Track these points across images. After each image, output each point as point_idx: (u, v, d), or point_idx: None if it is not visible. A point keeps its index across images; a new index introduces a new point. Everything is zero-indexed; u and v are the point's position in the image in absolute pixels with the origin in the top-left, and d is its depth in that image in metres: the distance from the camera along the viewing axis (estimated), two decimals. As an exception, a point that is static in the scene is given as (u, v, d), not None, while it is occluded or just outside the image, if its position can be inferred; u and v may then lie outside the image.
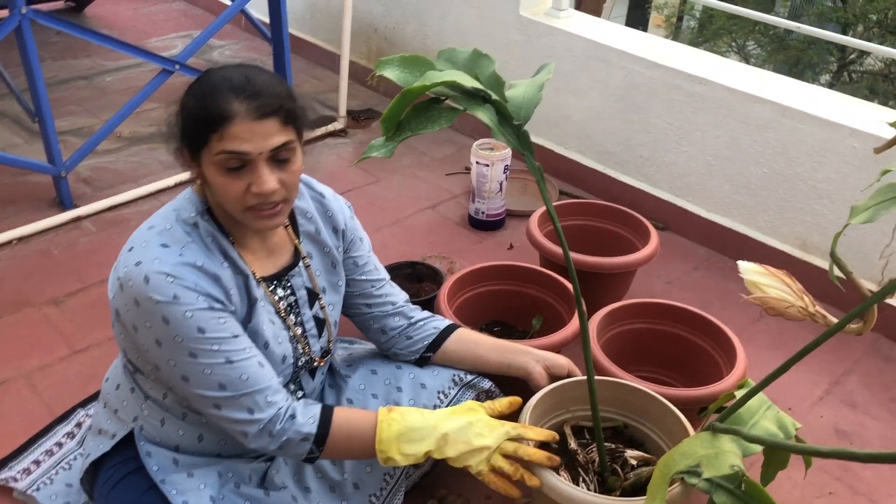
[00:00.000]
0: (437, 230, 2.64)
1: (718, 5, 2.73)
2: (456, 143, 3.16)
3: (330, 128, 3.18)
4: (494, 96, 1.25)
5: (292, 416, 1.32)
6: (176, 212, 1.32)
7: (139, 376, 1.41)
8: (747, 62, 14.63)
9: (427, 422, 1.34)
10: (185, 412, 1.39)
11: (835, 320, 1.15)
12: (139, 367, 1.38)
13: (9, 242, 2.43)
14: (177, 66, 2.64)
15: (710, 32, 14.69)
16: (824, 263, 2.34)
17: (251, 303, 1.34)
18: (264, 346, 1.36)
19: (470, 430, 1.35)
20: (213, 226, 1.33)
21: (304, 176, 1.51)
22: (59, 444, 1.76)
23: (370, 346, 1.71)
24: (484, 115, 1.23)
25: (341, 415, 1.36)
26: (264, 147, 1.23)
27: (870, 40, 13.63)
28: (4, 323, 2.12)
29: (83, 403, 1.86)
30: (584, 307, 1.42)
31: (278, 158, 1.26)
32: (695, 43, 14.99)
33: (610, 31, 2.76)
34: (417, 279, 2.21)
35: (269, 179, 1.24)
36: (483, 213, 2.61)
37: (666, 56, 2.56)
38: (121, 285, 1.27)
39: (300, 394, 1.50)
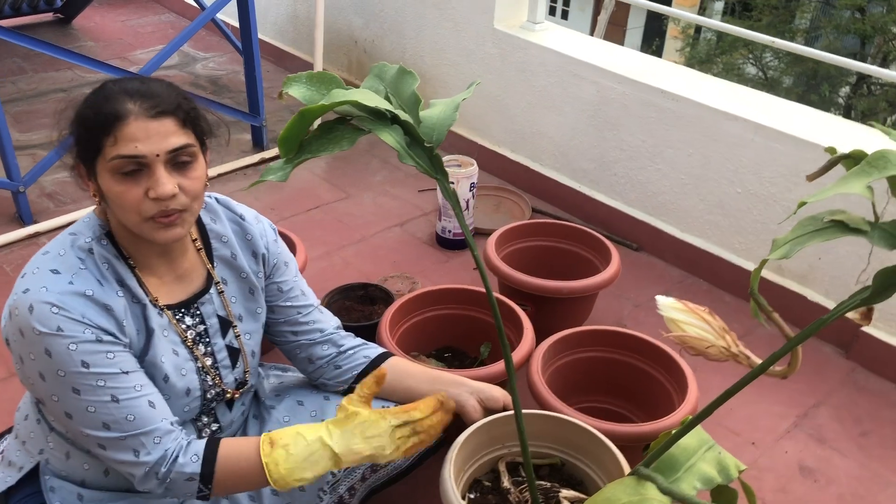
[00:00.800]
0: (403, 249, 2.57)
1: (729, 29, 2.61)
2: (432, 159, 3.09)
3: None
4: (403, 116, 1.17)
5: (175, 458, 1.23)
6: (72, 237, 1.25)
7: (43, 407, 1.34)
8: (765, 75, 14.50)
9: (312, 447, 1.22)
10: None
11: (758, 361, 1.06)
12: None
13: (-39, 259, 2.39)
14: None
15: (726, 44, 14.58)
16: (801, 288, 2.25)
17: (148, 333, 1.27)
18: (164, 380, 1.28)
19: (355, 437, 1.23)
20: (112, 251, 1.26)
21: (223, 197, 1.45)
22: (-17, 472, 1.70)
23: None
24: (389, 137, 1.16)
25: (227, 450, 1.25)
26: (161, 148, 1.16)
27: (888, 53, 13.45)
28: (-54, 342, 2.07)
29: (10, 430, 1.80)
30: (531, 335, 1.34)
31: (177, 162, 1.19)
32: (711, 55, 14.88)
33: (584, 45, 2.68)
34: (370, 301, 2.13)
35: (167, 182, 1.17)
36: (450, 231, 2.53)
37: (638, 71, 2.48)
38: (9, 313, 1.20)
39: (215, 426, 1.43)
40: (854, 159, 1.01)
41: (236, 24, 3.57)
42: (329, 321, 1.56)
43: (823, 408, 1.99)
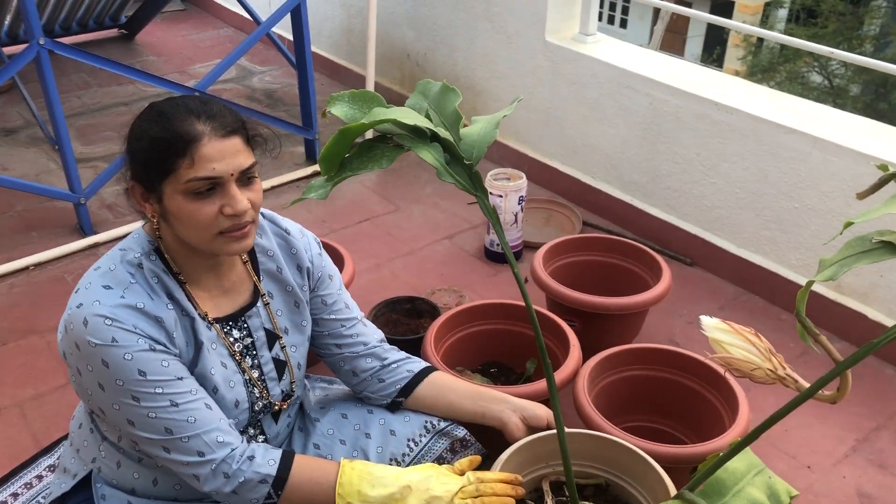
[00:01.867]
0: (452, 262, 2.56)
1: (786, 40, 2.54)
2: (483, 171, 3.09)
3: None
4: (443, 134, 1.17)
5: (251, 457, 1.27)
6: (122, 252, 1.28)
7: (96, 417, 1.38)
8: (831, 83, 14.11)
9: (389, 471, 1.30)
10: (141, 456, 1.35)
11: (806, 385, 1.03)
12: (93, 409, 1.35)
13: (25, 268, 2.48)
14: (196, 94, 2.65)
15: (790, 52, 14.23)
16: (861, 307, 2.17)
17: (197, 346, 1.29)
18: (213, 391, 1.30)
19: (430, 480, 1.29)
20: (160, 266, 1.29)
21: (267, 211, 1.47)
22: (40, 477, 1.75)
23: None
24: (428, 155, 1.16)
25: (303, 460, 1.31)
26: (235, 167, 1.20)
27: (962, 59, 12.93)
28: (8, 349, 2.14)
29: (67, 437, 1.85)
30: (578, 352, 1.32)
31: (245, 179, 1.24)
32: (774, 63, 14.55)
33: (636, 57, 2.65)
34: (417, 315, 2.13)
35: (242, 199, 1.22)
36: (498, 244, 2.52)
37: (692, 83, 2.44)
38: (65, 328, 1.24)
39: (261, 438, 1.44)
40: (908, 178, 0.97)
41: (291, 37, 3.64)
42: (373, 334, 1.57)
43: (885, 432, 1.92)
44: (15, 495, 1.70)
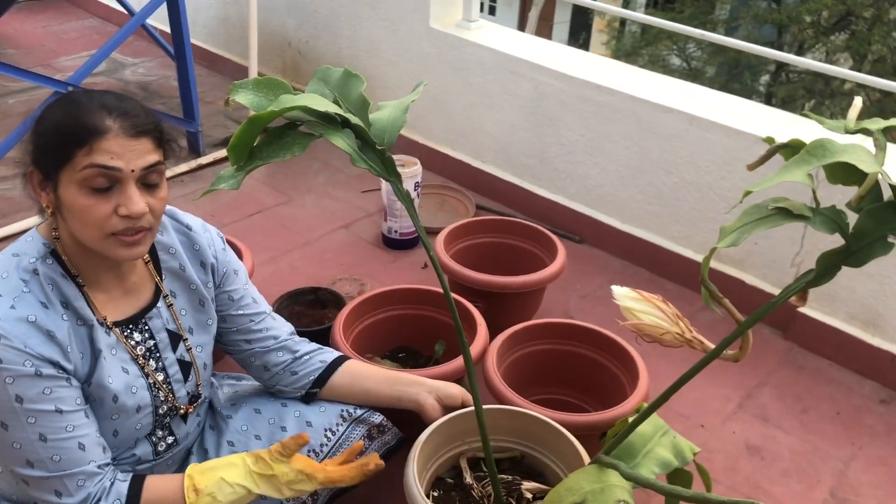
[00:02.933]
0: (350, 251, 2.56)
1: (653, 21, 2.67)
2: (373, 159, 3.08)
3: (241, 147, 3.07)
4: (354, 120, 1.17)
5: (98, 500, 1.21)
6: (16, 258, 1.21)
7: None
8: (689, 65, 14.87)
9: (238, 493, 1.28)
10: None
11: (711, 346, 1.10)
12: None
13: None
14: (69, 88, 2.52)
15: (650, 36, 14.89)
16: (739, 273, 2.32)
17: (95, 354, 1.24)
18: (113, 400, 1.25)
19: (282, 488, 1.31)
20: (57, 270, 1.22)
21: (168, 207, 1.42)
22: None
23: (257, 382, 1.62)
24: (341, 142, 1.16)
25: (150, 493, 1.25)
26: (136, 164, 1.16)
27: (803, 41, 13.94)
28: None
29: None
30: (485, 330, 1.35)
31: (147, 182, 1.19)
32: (636, 47, 15.17)
33: (519, 42, 2.71)
34: (321, 305, 2.12)
35: (140, 200, 1.17)
36: (396, 231, 2.54)
37: (573, 67, 2.52)
38: None
39: (171, 439, 1.40)
40: (792, 148, 1.05)
41: (165, 27, 3.50)
42: (282, 327, 1.55)
43: (766, 388, 2.07)
44: None
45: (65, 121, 1.14)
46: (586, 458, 1.42)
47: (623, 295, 1.13)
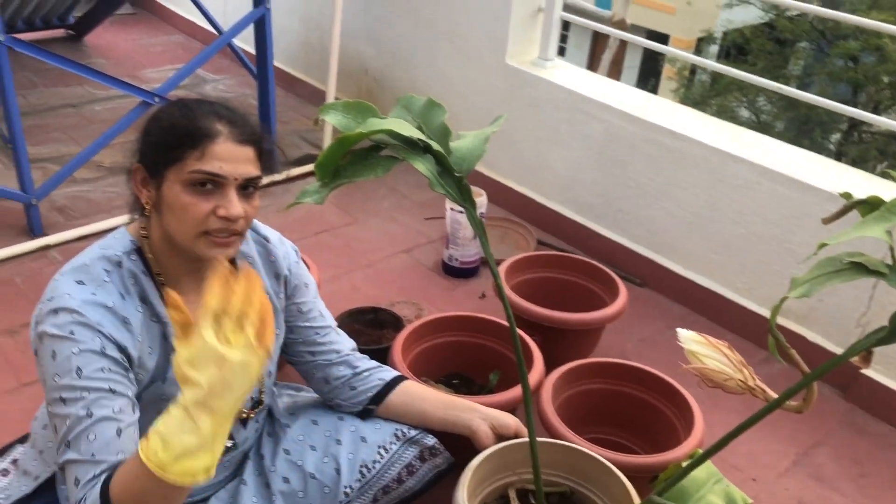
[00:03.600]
0: (410, 275, 2.60)
1: (725, 70, 2.66)
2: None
3: (311, 167, 3.15)
4: (436, 147, 1.21)
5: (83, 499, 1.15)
6: (102, 250, 1.28)
7: None
8: (758, 118, 14.71)
9: (176, 413, 0.99)
10: None
11: (774, 395, 1.10)
12: None
13: (-28, 269, 2.41)
14: (156, 99, 2.63)
15: (720, 86, 14.79)
16: (801, 329, 2.29)
17: (167, 352, 1.29)
18: None
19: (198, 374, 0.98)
20: (140, 266, 1.29)
21: (250, 219, 1.48)
22: (-8, 482, 1.70)
23: (316, 395, 1.65)
24: (422, 166, 1.20)
25: (119, 473, 1.11)
26: (240, 173, 1.23)
27: (879, 102, 13.68)
28: (-44, 351, 2.08)
29: (22, 439, 1.80)
30: (542, 364, 1.36)
31: (246, 190, 1.26)
32: (706, 97, 15.08)
33: (593, 83, 2.74)
34: (379, 326, 2.16)
35: (238, 205, 1.23)
36: (457, 259, 2.57)
37: (647, 110, 2.54)
38: (34, 320, 1.23)
39: (229, 443, 1.44)
40: (870, 205, 1.05)
41: (247, 47, 3.63)
42: (345, 343, 1.59)
43: (823, 447, 2.02)
44: (-34, 500, 1.65)
45: (179, 121, 1.22)
46: (637, 500, 1.41)
47: (689, 338, 1.13)
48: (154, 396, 1.29)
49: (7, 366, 2.04)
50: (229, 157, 1.22)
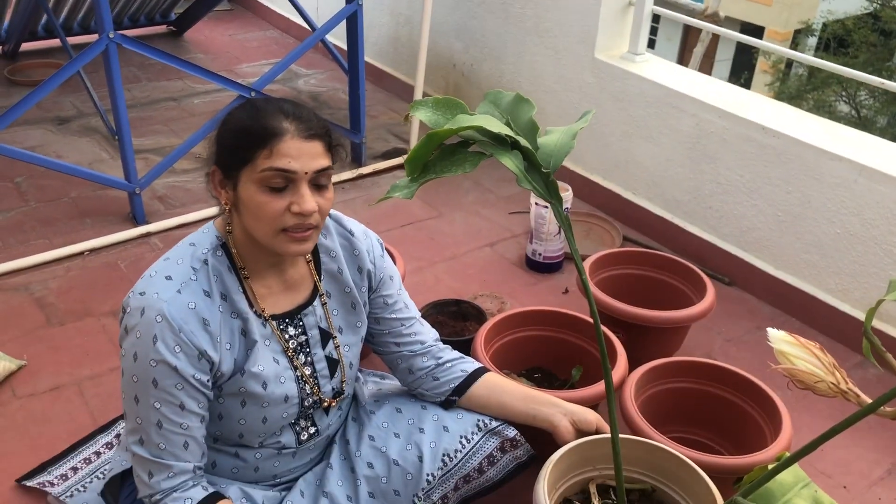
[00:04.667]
0: (493, 269, 2.62)
1: (819, 63, 2.57)
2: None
3: (399, 160, 3.21)
4: (523, 143, 1.23)
5: (174, 491, 1.30)
6: (192, 247, 1.34)
7: None
8: (858, 114, 14.07)
9: None
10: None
11: (868, 400, 1.07)
12: None
13: (81, 253, 2.55)
14: (252, 93, 2.72)
15: (818, 80, 14.22)
16: (898, 333, 2.20)
17: (250, 344, 1.35)
18: (263, 386, 1.36)
19: None
20: (225, 262, 1.34)
21: (334, 212, 1.52)
22: (98, 454, 1.81)
23: (400, 384, 1.69)
24: (509, 162, 1.21)
25: None
26: (310, 167, 1.26)
27: None
28: (66, 330, 2.21)
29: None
30: (625, 361, 1.36)
31: (317, 183, 1.29)
32: (802, 91, 14.53)
33: (684, 78, 2.70)
34: (462, 317, 2.19)
35: (311, 199, 1.27)
36: (540, 254, 2.57)
37: (739, 105, 2.48)
38: (123, 307, 1.31)
39: (312, 430, 1.49)
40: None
41: (339, 42, 3.71)
42: (429, 333, 1.62)
43: (920, 457, 1.95)
44: (75, 469, 1.77)
45: (247, 123, 1.26)
46: (720, 502, 1.39)
47: (779, 338, 1.12)
48: (234, 389, 1.35)
49: (112, 346, 2.16)
50: (297, 153, 1.24)
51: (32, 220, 2.74)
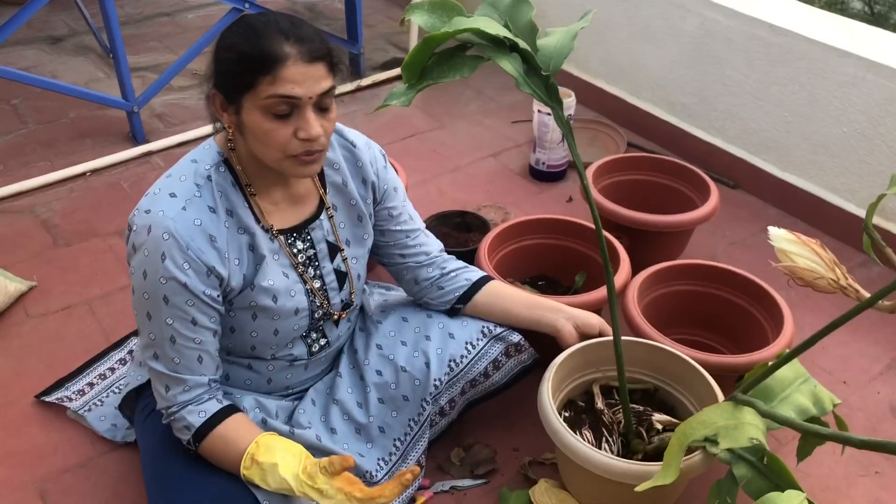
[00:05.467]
0: (497, 179, 2.61)
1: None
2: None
3: (399, 70, 3.15)
4: (522, 45, 1.20)
5: (188, 404, 1.32)
6: (194, 163, 1.33)
7: None
8: (871, 10, 13.65)
9: (282, 485, 1.26)
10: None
11: (867, 295, 1.08)
12: None
13: (83, 174, 2.55)
14: (246, 5, 2.66)
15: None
16: (903, 231, 2.20)
17: (258, 259, 1.35)
18: (273, 300, 1.37)
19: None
20: (229, 178, 1.33)
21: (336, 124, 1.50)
22: (112, 370, 1.85)
23: (406, 294, 1.71)
24: (508, 65, 1.19)
25: (226, 430, 1.32)
26: (314, 91, 1.23)
27: None
28: (73, 251, 2.23)
29: (136, 332, 1.94)
30: (628, 266, 1.37)
31: (321, 105, 1.26)
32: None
33: (689, -24, 2.61)
34: (466, 229, 2.19)
35: (317, 124, 1.25)
36: (544, 163, 2.55)
37: (745, 3, 2.42)
38: (129, 225, 1.31)
39: (323, 341, 1.52)
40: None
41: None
42: (434, 244, 1.63)
43: (920, 352, 1.98)
44: (91, 384, 1.81)
45: (247, 49, 1.21)
46: (721, 398, 1.43)
47: (780, 236, 1.12)
48: (245, 303, 1.36)
49: (119, 264, 2.18)
50: (301, 77, 1.21)
51: (32, 142, 2.72)
